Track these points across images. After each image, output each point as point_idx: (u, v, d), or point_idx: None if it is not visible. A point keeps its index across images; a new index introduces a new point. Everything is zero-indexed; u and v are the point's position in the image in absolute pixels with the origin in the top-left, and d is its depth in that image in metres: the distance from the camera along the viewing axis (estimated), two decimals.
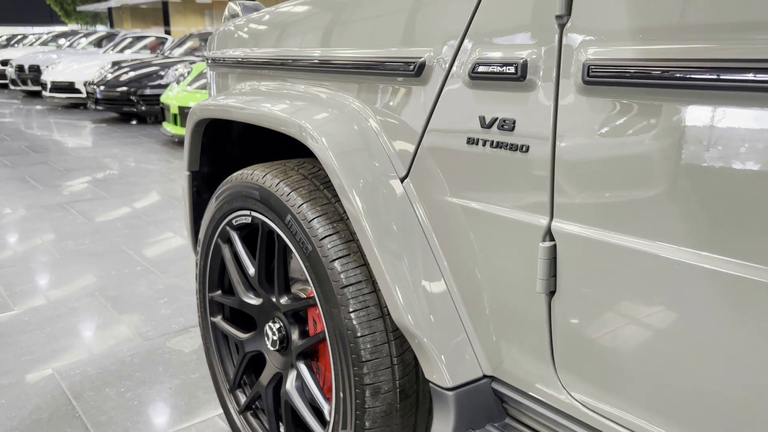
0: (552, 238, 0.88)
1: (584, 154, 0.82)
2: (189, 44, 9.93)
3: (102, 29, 22.14)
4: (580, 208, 0.84)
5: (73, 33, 15.98)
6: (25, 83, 12.43)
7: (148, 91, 8.34)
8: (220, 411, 1.83)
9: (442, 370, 1.04)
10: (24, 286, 2.83)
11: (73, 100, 10.38)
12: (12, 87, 13.05)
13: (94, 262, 3.14)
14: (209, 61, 1.80)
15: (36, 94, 12.50)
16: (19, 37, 18.70)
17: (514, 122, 0.90)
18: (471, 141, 0.97)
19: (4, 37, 19.40)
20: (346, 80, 1.23)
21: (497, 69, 0.89)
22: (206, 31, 12.84)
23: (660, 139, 0.74)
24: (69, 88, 10.19)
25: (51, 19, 30.80)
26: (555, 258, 0.89)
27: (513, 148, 0.90)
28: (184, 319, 2.47)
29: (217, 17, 19.75)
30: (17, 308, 2.60)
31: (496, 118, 0.92)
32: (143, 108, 8.37)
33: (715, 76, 0.67)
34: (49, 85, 10.30)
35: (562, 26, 0.82)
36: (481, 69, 0.92)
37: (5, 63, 13.84)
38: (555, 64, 0.83)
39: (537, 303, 0.93)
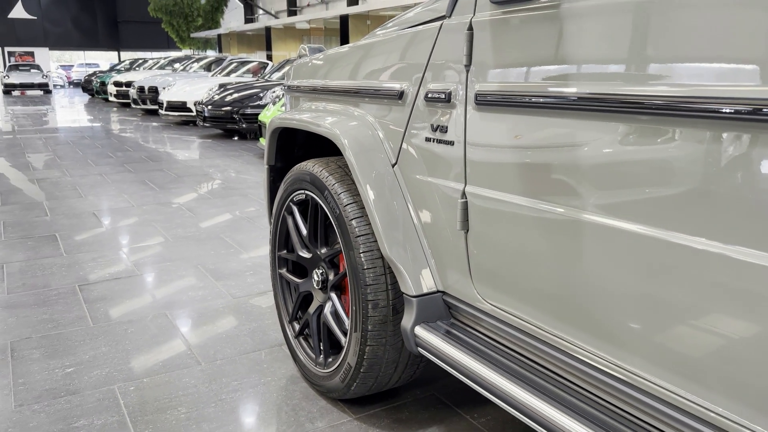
0: (465, 197, 1.47)
1: (480, 147, 1.41)
2: (286, 69, 10.93)
3: (212, 54, 24.08)
4: (480, 178, 1.43)
5: (187, 58, 17.62)
6: (144, 103, 13.95)
7: (248, 111, 9.34)
8: (284, 342, 2.49)
9: (410, 284, 1.64)
10: (145, 258, 3.64)
11: (184, 118, 11.65)
12: (133, 106, 14.66)
13: (198, 245, 3.93)
14: (286, 88, 2.50)
15: (153, 112, 14.01)
16: (140, 61, 20.76)
17: (447, 128, 1.50)
18: (427, 139, 1.57)
19: (128, 62, 21.58)
20: (364, 102, 1.87)
21: (437, 95, 1.50)
22: None
23: (516, 137, 1.31)
24: (181, 107, 11.45)
25: (168, 45, 33.70)
26: (467, 209, 1.47)
27: (446, 143, 1.50)
28: (263, 286, 3.17)
29: (314, 43, 21.03)
30: (140, 272, 3.40)
31: (439, 125, 1.52)
32: (244, 125, 9.38)
33: (535, 99, 1.24)
34: (164, 105, 11.61)
35: (467, 70, 1.42)
36: (429, 95, 1.53)
37: (128, 85, 15.54)
38: (464, 93, 1.43)
39: (459, 238, 1.51)
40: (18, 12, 32.98)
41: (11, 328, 2.68)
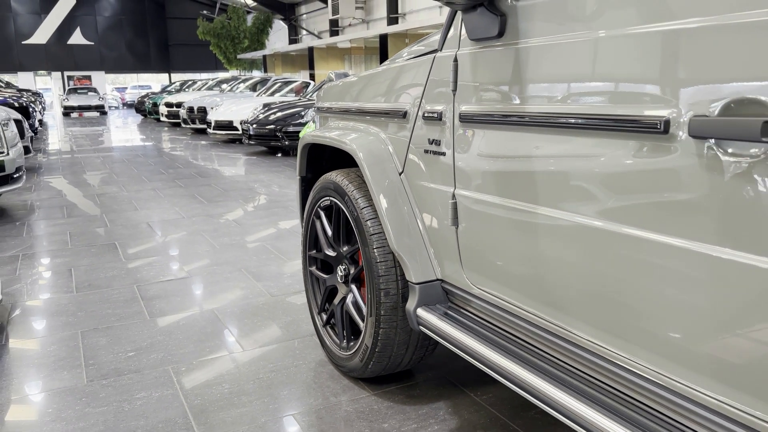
0: (455, 198, 1.77)
1: (465, 156, 1.71)
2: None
3: (257, 74, 24.90)
4: (465, 182, 1.73)
5: (234, 79, 18.33)
6: (194, 122, 14.62)
7: (291, 129, 9.79)
8: (314, 333, 2.81)
9: (412, 273, 1.95)
10: (193, 263, 4.04)
11: (230, 136, 12.22)
12: (183, 125, 15.37)
13: (242, 251, 4.31)
14: (316, 109, 2.84)
15: (201, 131, 14.68)
16: (190, 82, 21.66)
17: (440, 141, 1.80)
18: (425, 151, 1.88)
19: (178, 83, 22.54)
20: (378, 121, 2.19)
21: (431, 114, 1.81)
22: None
23: (494, 147, 1.61)
24: (228, 126, 12.02)
25: (216, 66, 34.93)
26: (457, 208, 1.77)
27: (439, 154, 1.81)
28: (299, 286, 3.51)
29: (355, 61, 21.58)
30: (190, 275, 3.79)
31: (434, 139, 1.83)
32: (287, 143, 9.83)
33: (505, 117, 1.54)
34: (212, 124, 12.20)
35: (453, 94, 1.72)
36: (426, 114, 1.84)
37: (179, 105, 16.29)
38: (452, 112, 1.73)
39: (452, 233, 1.81)
40: (76, 38, 34.76)
41: (81, 321, 3.08)
